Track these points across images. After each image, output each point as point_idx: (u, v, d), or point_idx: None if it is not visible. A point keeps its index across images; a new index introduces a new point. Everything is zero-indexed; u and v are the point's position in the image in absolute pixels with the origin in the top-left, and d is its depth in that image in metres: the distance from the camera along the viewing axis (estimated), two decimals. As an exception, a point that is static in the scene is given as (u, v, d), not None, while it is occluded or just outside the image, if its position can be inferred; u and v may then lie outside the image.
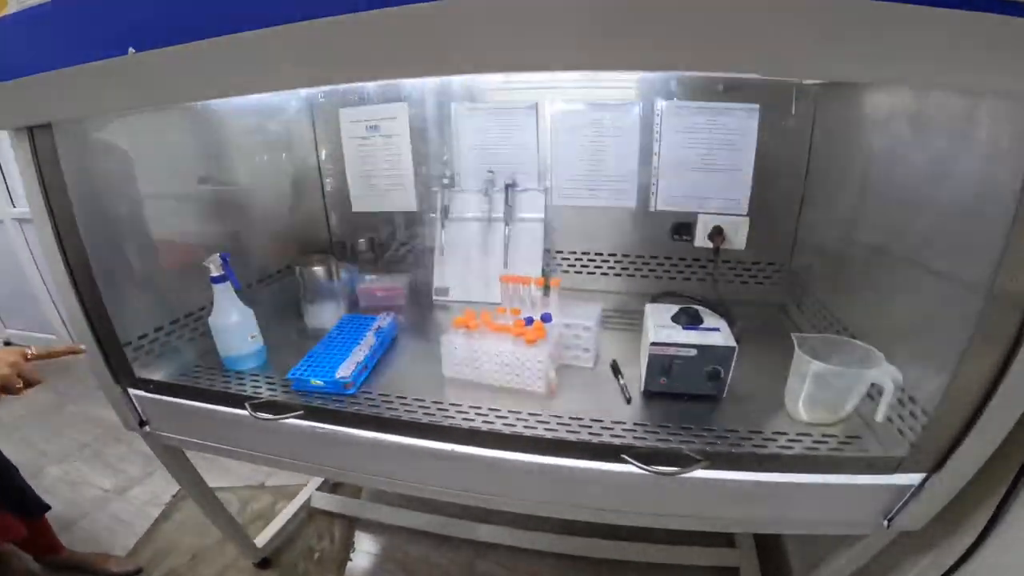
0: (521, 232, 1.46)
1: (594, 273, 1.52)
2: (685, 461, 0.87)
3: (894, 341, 0.89)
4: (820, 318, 1.21)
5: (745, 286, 1.42)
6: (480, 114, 1.44)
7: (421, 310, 1.49)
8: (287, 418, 1.02)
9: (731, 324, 1.05)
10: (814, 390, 0.91)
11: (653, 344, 0.99)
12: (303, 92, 1.49)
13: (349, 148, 1.55)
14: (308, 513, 1.95)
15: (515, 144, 1.44)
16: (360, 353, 1.13)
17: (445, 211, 1.48)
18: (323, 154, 1.59)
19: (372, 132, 1.51)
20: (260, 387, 1.11)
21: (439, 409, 1.01)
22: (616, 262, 1.50)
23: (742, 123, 1.28)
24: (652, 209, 1.42)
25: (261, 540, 1.73)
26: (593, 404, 1.02)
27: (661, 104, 1.32)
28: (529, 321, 1.11)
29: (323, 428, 1.02)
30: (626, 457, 0.88)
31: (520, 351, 1.05)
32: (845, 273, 1.15)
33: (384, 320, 1.28)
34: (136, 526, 1.92)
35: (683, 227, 1.41)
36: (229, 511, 1.58)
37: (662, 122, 1.33)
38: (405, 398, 1.05)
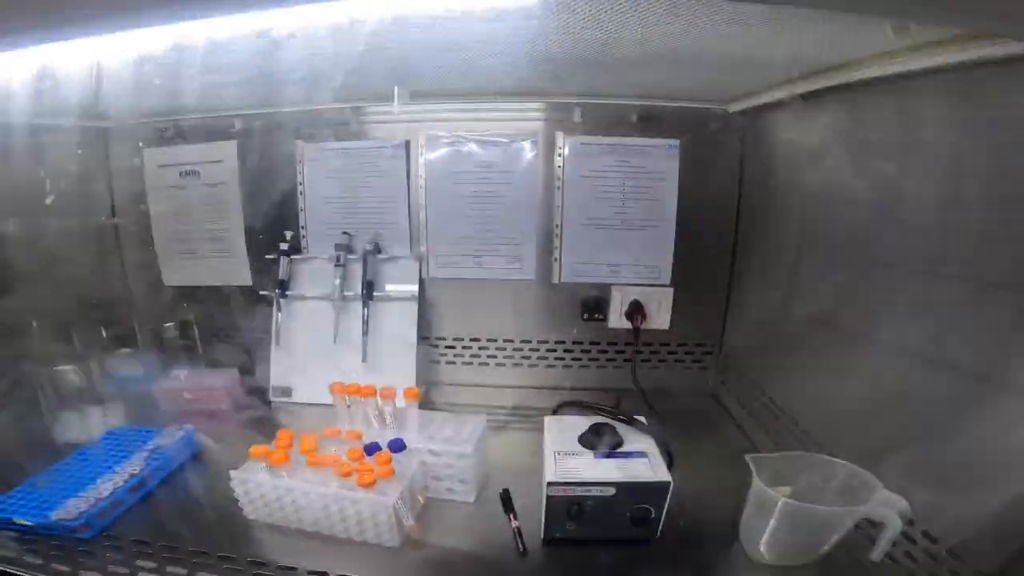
0: (387, 314, 1.11)
1: (487, 364, 1.22)
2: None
3: (877, 448, 0.70)
4: (763, 410, 1.01)
5: (671, 372, 1.21)
6: (334, 155, 1.13)
7: (252, 417, 1.10)
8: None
9: (660, 439, 0.79)
10: (783, 529, 0.67)
11: (551, 484, 0.70)
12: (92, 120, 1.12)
13: (158, 201, 1.18)
14: None
15: (379, 196, 1.14)
16: (110, 483, 0.81)
17: (283, 286, 1.11)
18: (122, 208, 1.21)
19: (189, 179, 1.16)
20: None
21: (228, 569, 0.70)
22: (515, 350, 1.21)
23: (661, 164, 1.07)
24: (556, 282, 1.15)
25: None
26: (472, 559, 0.73)
27: (563, 140, 1.07)
28: (372, 449, 0.75)
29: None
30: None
31: (351, 496, 0.70)
32: (789, 353, 0.99)
33: (171, 435, 0.93)
34: None
35: (595, 304, 1.15)
36: None
37: (565, 164, 1.09)
38: (175, 549, 0.72)
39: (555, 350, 1.20)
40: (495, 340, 1.21)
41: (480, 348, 1.21)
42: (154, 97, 0.90)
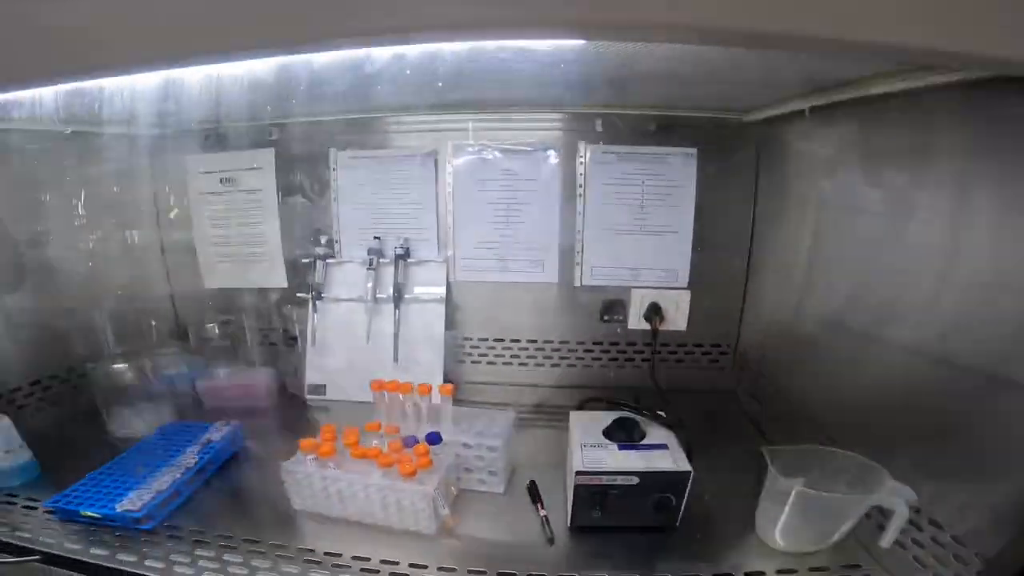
0: (416, 315, 1.17)
1: (510, 363, 1.27)
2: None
3: (886, 442, 0.73)
4: (778, 407, 1.06)
5: (688, 372, 1.24)
6: (366, 163, 1.18)
7: (289, 413, 1.17)
8: (22, 562, 0.73)
9: (679, 432, 0.83)
10: (797, 516, 0.72)
11: (579, 473, 0.74)
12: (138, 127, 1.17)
13: (199, 206, 1.24)
14: None
15: (409, 202, 1.18)
16: (169, 476, 0.85)
17: (319, 288, 1.16)
18: (164, 213, 1.27)
19: (229, 186, 1.21)
20: (10, 515, 0.82)
21: (279, 556, 0.74)
22: (537, 350, 1.26)
23: (678, 171, 1.11)
24: (577, 284, 1.20)
25: None
26: (503, 546, 0.77)
27: (585, 149, 1.12)
28: (410, 442, 0.80)
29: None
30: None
31: (394, 485, 0.76)
32: (803, 353, 1.01)
33: (219, 430, 0.98)
34: None
35: (614, 306, 1.20)
36: None
37: (586, 171, 1.13)
38: (230, 539, 0.77)
39: (576, 350, 1.24)
40: (518, 340, 1.25)
41: (504, 348, 1.26)
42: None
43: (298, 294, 1.19)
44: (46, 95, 0.81)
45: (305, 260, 1.19)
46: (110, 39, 0.45)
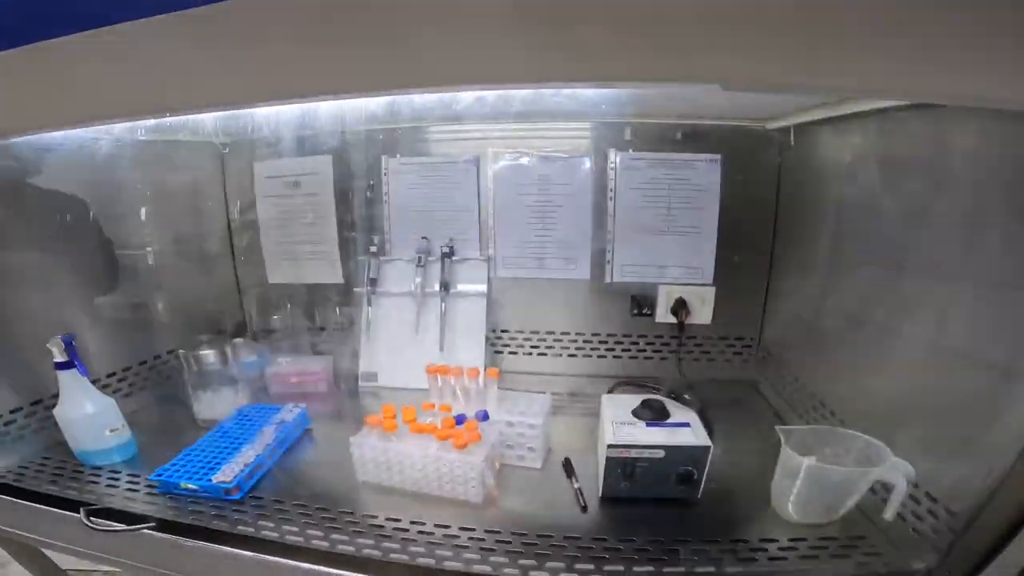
0: (460, 309, 1.27)
1: (545, 354, 1.35)
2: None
3: (891, 425, 0.79)
4: (798, 396, 1.11)
5: (713, 363, 1.30)
6: (414, 169, 1.28)
7: (345, 398, 1.28)
8: (137, 530, 0.82)
9: (701, 413, 0.91)
10: (808, 489, 0.78)
11: (611, 447, 0.83)
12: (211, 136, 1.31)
13: (265, 208, 1.36)
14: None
15: (454, 205, 1.29)
16: (252, 452, 0.95)
17: (372, 283, 1.28)
18: (235, 215, 1.40)
19: (292, 190, 1.33)
20: (116, 488, 0.92)
21: (348, 522, 0.83)
22: (570, 341, 1.34)
23: (703, 176, 1.17)
24: (608, 281, 1.28)
25: None
26: (541, 514, 0.85)
27: (615, 156, 1.20)
28: (461, 420, 0.90)
29: (190, 544, 0.81)
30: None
31: (448, 457, 0.86)
32: (822, 345, 1.06)
33: (290, 412, 1.09)
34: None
35: (643, 301, 1.27)
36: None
37: (616, 177, 1.21)
38: (306, 507, 0.86)
39: (606, 342, 1.31)
40: (553, 332, 1.33)
41: (539, 340, 1.34)
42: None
43: (355, 288, 1.30)
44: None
45: (360, 257, 1.30)
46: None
